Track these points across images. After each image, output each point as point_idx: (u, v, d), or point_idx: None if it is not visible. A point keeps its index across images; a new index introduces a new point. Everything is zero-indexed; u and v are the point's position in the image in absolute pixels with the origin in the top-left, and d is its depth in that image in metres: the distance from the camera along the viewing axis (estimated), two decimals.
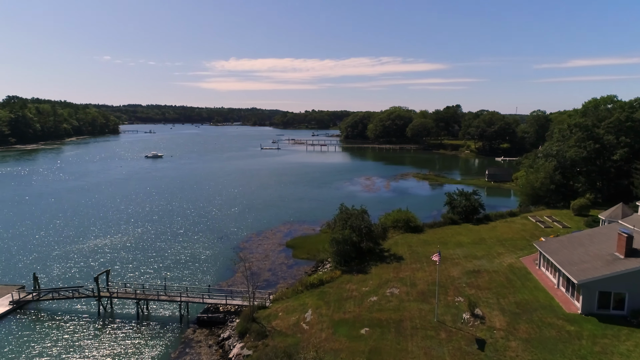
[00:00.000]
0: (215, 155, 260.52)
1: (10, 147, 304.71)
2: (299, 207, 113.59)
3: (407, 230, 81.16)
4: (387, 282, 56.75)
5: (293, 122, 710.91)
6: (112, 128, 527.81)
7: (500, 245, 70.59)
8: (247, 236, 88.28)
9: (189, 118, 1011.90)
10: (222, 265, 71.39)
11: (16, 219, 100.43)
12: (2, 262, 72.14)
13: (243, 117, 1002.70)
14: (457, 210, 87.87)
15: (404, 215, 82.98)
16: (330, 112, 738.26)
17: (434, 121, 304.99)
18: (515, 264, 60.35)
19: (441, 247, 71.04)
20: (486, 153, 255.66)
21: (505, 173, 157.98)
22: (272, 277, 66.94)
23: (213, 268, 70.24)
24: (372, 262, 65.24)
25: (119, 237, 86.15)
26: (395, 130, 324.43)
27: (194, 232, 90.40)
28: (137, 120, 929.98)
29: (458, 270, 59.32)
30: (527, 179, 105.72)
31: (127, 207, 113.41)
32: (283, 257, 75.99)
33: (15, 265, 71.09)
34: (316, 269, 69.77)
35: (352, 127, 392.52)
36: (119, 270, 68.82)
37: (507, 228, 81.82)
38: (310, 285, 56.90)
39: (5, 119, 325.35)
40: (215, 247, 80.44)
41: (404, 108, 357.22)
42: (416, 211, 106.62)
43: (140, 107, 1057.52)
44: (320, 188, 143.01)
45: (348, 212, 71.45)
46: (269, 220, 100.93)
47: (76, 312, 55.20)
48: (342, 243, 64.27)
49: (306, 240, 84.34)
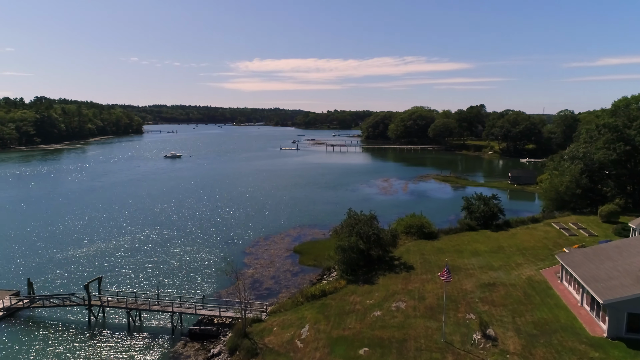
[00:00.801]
0: (233, 156, 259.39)
1: (35, 147, 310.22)
2: (311, 210, 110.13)
3: (421, 236, 76.83)
4: (393, 294, 52.74)
5: (315, 122, 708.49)
6: (135, 128, 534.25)
7: (520, 255, 65.66)
8: (255, 240, 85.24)
9: (212, 118, 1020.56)
10: (224, 272, 68.33)
11: (22, 219, 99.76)
12: (1, 266, 70.70)
13: (266, 117, 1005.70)
14: (474, 215, 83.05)
15: (418, 221, 78.68)
16: (353, 112, 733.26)
17: (456, 121, 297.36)
18: (534, 277, 55.54)
19: (456, 255, 66.69)
20: (510, 154, 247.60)
21: (530, 175, 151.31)
22: (274, 285, 63.60)
23: (214, 274, 67.31)
24: (380, 272, 61.29)
25: (123, 241, 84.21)
26: (417, 130, 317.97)
27: (200, 235, 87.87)
28: (162, 120, 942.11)
29: (472, 282, 54.87)
30: (551, 182, 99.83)
31: (135, 209, 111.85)
32: (289, 263, 72.60)
33: (14, 268, 69.51)
34: (322, 277, 66.20)
35: (373, 127, 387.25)
36: (116, 276, 66.53)
37: (528, 236, 76.62)
38: (311, 297, 53.32)
39: (31, 119, 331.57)
40: (219, 252, 77.60)
41: (426, 108, 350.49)
42: (433, 215, 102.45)
43: (165, 108, 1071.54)
44: (335, 190, 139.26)
45: (356, 218, 67.64)
46: (279, 223, 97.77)
47: (66, 321, 52.87)
48: (348, 251, 60.50)
49: (315, 245, 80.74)
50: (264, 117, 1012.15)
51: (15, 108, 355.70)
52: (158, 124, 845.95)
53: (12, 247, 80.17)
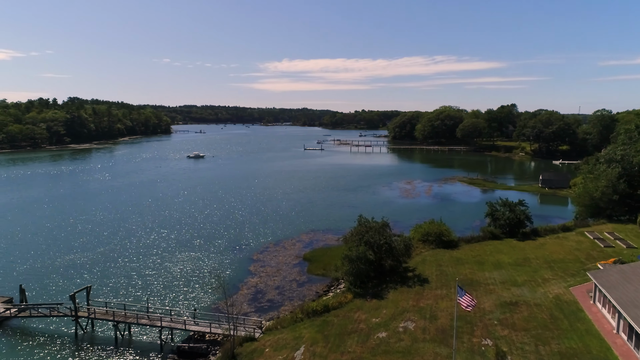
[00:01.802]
0: (256, 156, 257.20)
1: (64, 147, 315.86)
2: (327, 214, 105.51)
3: (439, 245, 71.30)
4: (403, 312, 47.71)
5: (342, 123, 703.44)
6: (164, 128, 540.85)
7: (548, 269, 59.45)
8: (264, 246, 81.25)
9: (240, 118, 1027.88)
10: (226, 280, 64.50)
11: (29, 221, 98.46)
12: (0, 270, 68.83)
13: (293, 117, 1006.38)
14: (499, 223, 76.84)
15: (437, 228, 73.13)
16: (380, 112, 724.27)
17: (486, 121, 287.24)
18: (563, 296, 49.48)
19: (476, 267, 61.02)
20: (542, 155, 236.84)
21: (562, 178, 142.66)
22: (277, 296, 59.32)
23: (217, 282, 63.36)
24: (391, 284, 56.33)
25: (128, 246, 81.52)
26: (445, 130, 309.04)
27: (208, 240, 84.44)
28: (191, 120, 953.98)
29: (491, 300, 49.28)
30: (585, 187, 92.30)
31: (147, 211, 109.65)
32: (296, 272, 68.23)
33: (11, 273, 67.41)
34: (329, 288, 61.61)
35: (399, 127, 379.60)
36: (112, 284, 63.43)
37: (558, 246, 70.02)
38: (312, 313, 48.84)
39: (61, 119, 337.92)
40: (226, 259, 73.90)
41: (455, 107, 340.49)
42: (456, 221, 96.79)
43: (195, 108, 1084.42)
44: (354, 193, 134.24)
45: (367, 225, 62.74)
46: (291, 228, 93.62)
47: (53, 332, 49.89)
48: (356, 261, 55.72)
49: (326, 253, 76.06)
50: (292, 117, 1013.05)
51: (47, 108, 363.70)
52: (187, 124, 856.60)
53: (12, 250, 78.32)
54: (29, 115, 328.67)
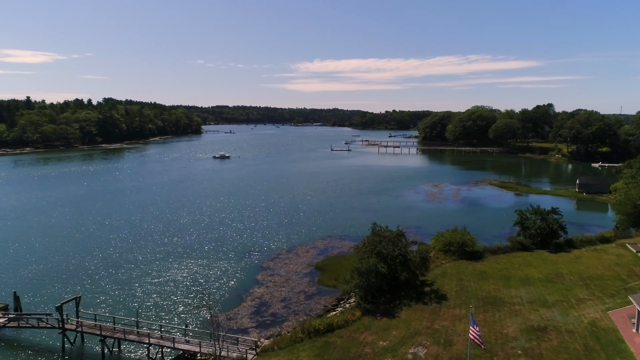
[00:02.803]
0: (282, 157, 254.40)
1: (96, 146, 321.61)
2: (346, 219, 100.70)
3: (462, 256, 65.68)
4: (414, 334, 42.71)
5: (372, 123, 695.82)
6: (194, 128, 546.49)
7: (583, 287, 53.14)
8: (276, 252, 77.19)
9: (271, 119, 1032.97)
10: (230, 290, 60.82)
11: (44, 223, 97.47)
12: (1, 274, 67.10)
13: (324, 117, 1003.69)
14: (529, 232, 70.48)
15: (459, 237, 67.44)
16: (411, 112, 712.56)
17: (520, 121, 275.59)
18: (600, 322, 43.38)
19: (501, 283, 55.23)
20: (581, 158, 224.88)
21: (602, 183, 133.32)
22: (282, 310, 55.04)
23: (218, 293, 59.77)
24: (405, 300, 51.37)
25: (134, 251, 78.72)
26: (477, 131, 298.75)
27: (219, 246, 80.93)
28: (223, 120, 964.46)
29: (516, 324, 43.64)
30: (627, 193, 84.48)
31: (161, 214, 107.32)
32: (306, 282, 63.83)
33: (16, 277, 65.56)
34: (338, 302, 56.94)
35: (430, 127, 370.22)
36: (108, 295, 60.51)
37: (596, 260, 63.26)
38: (314, 332, 44.36)
39: (94, 119, 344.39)
40: (233, 266, 70.13)
41: (487, 107, 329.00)
42: (482, 229, 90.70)
43: (227, 108, 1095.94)
44: (377, 196, 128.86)
45: (380, 234, 57.79)
46: (306, 233, 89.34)
47: (41, 345, 47.00)
48: (366, 275, 50.96)
49: (339, 261, 71.24)
50: (322, 118, 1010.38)
51: (81, 109, 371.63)
52: (219, 124, 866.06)
53: (17, 252, 76.65)
54: (63, 115, 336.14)
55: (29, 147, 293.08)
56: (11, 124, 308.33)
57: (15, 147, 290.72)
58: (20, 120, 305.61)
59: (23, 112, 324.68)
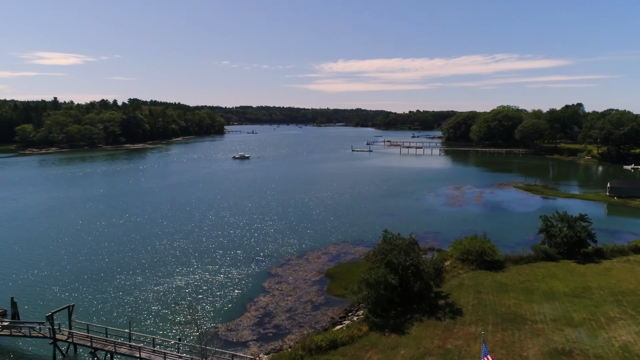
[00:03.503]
0: (301, 157, 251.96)
1: (119, 146, 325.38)
2: (362, 223, 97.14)
3: (481, 265, 61.54)
4: (424, 355, 39.15)
5: (395, 123, 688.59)
6: (217, 128, 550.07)
7: (614, 303, 48.54)
8: (286, 258, 74.23)
9: (294, 119, 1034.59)
10: (234, 299, 58.11)
11: (54, 224, 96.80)
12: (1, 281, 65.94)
13: (347, 117, 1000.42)
14: (554, 241, 65.78)
15: (479, 246, 63.27)
16: (436, 113, 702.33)
17: (548, 122, 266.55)
18: (633, 346, 38.98)
19: (523, 297, 51.03)
20: (612, 160, 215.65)
21: (635, 186, 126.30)
22: (286, 321, 51.97)
23: (220, 302, 57.09)
24: (417, 315, 47.78)
25: (139, 256, 76.76)
26: (502, 131, 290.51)
27: (227, 250, 78.39)
28: (246, 121, 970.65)
29: (537, 345, 39.61)
30: None
31: (172, 216, 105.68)
32: (314, 291, 60.66)
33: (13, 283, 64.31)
34: (346, 314, 53.62)
35: (454, 128, 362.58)
36: (106, 302, 58.49)
37: (628, 272, 58.31)
38: (315, 349, 41.18)
39: (117, 119, 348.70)
40: (240, 273, 67.44)
41: (513, 107, 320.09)
42: (505, 235, 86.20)
43: (250, 109, 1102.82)
44: (396, 199, 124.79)
45: (392, 243, 54.19)
46: (319, 237, 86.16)
47: (33, 355, 45.16)
48: (374, 286, 47.55)
49: (351, 268, 67.75)
50: (345, 118, 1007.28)
51: (105, 109, 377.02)
52: (242, 125, 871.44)
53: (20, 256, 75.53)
54: (88, 116, 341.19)
55: (55, 147, 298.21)
56: (38, 125, 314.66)
57: (41, 147, 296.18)
58: (47, 121, 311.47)
59: (50, 113, 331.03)
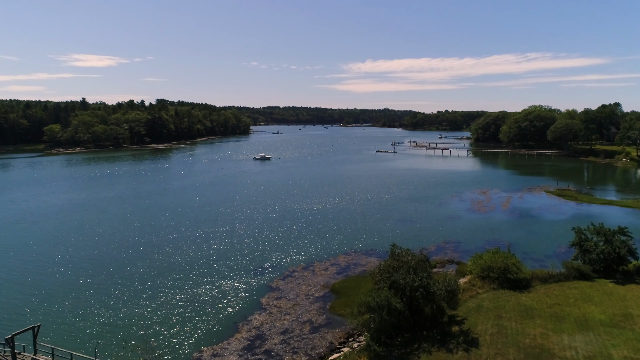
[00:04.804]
0: (323, 159, 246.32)
1: (144, 146, 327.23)
2: (377, 230, 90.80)
3: (504, 284, 54.60)
4: None
5: (423, 124, 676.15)
6: (243, 129, 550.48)
7: None
8: (290, 269, 68.67)
9: (321, 119, 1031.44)
10: (226, 317, 52.89)
11: (53, 229, 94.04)
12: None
13: (374, 118, 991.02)
14: (589, 257, 58.17)
15: (501, 261, 56.23)
16: (465, 113, 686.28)
17: (582, 122, 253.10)
18: None
19: (551, 325, 44.11)
20: None
21: None
22: (280, 345, 46.37)
23: (210, 321, 51.93)
24: (426, 344, 41.55)
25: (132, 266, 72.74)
26: (534, 132, 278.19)
27: (229, 259, 73.37)
28: (273, 121, 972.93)
29: None
30: None
31: (180, 220, 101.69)
32: (315, 309, 54.89)
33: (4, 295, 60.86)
34: (347, 339, 47.62)
35: (483, 129, 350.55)
36: (83, 321, 54.12)
37: None
38: None
39: (143, 120, 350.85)
40: (237, 286, 62.23)
41: (546, 107, 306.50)
42: (533, 246, 78.75)
43: (278, 109, 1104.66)
44: (416, 204, 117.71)
45: (400, 259, 47.90)
46: (329, 246, 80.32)
47: None
48: (377, 311, 41.56)
49: (360, 282, 61.69)
50: (372, 118, 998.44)
51: (131, 109, 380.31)
52: (269, 125, 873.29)
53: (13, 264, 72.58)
54: (114, 116, 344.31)
55: (80, 147, 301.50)
56: (66, 125, 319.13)
57: (67, 147, 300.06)
58: (74, 121, 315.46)
59: (77, 113, 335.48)
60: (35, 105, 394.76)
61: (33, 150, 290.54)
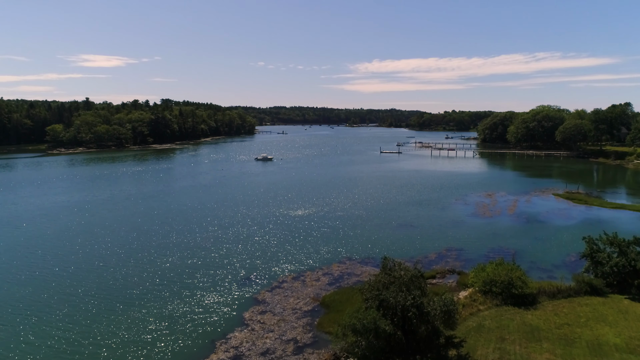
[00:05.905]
0: (326, 159, 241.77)
1: (147, 147, 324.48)
2: (375, 237, 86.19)
3: (508, 300, 49.97)
4: None
5: (430, 124, 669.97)
6: (248, 129, 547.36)
7: None
8: (279, 280, 64.33)
9: (327, 119, 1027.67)
10: (202, 334, 48.60)
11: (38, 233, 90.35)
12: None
13: (380, 118, 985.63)
14: (602, 270, 53.32)
15: (505, 275, 51.57)
16: (472, 113, 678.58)
17: (592, 122, 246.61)
18: None
19: (560, 349, 39.46)
20: None
21: None
22: None
23: (185, 339, 47.65)
24: None
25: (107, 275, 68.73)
26: (542, 133, 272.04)
27: (213, 269, 68.90)
28: (279, 121, 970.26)
29: None
30: None
31: (168, 226, 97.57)
32: (301, 326, 50.48)
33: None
34: None
35: (490, 129, 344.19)
36: (48, 342, 50.15)
37: None
38: None
39: (146, 120, 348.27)
40: (220, 299, 57.96)
41: (554, 107, 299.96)
42: (541, 255, 73.89)
43: (284, 109, 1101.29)
44: (418, 207, 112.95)
45: (391, 274, 43.28)
46: (323, 254, 75.82)
47: None
48: (364, 334, 37.10)
49: (352, 295, 56.75)
50: (379, 118, 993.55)
51: (135, 109, 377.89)
52: (275, 125, 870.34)
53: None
54: (116, 116, 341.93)
55: (82, 147, 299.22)
56: (69, 125, 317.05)
57: (69, 147, 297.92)
58: (76, 121, 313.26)
59: (80, 113, 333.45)
60: (40, 105, 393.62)
61: (35, 151, 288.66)
